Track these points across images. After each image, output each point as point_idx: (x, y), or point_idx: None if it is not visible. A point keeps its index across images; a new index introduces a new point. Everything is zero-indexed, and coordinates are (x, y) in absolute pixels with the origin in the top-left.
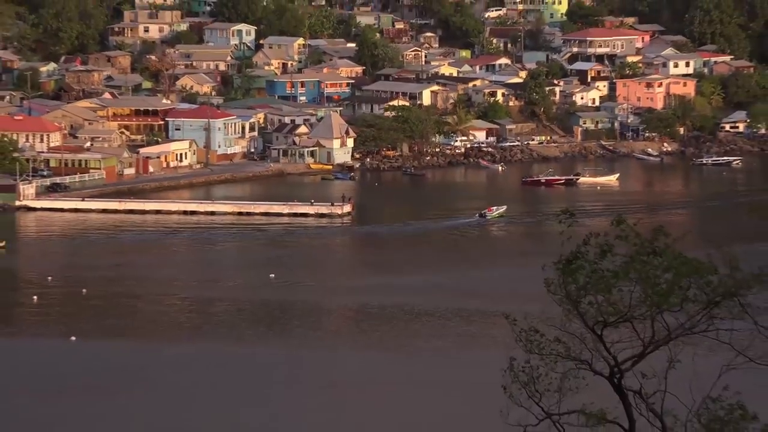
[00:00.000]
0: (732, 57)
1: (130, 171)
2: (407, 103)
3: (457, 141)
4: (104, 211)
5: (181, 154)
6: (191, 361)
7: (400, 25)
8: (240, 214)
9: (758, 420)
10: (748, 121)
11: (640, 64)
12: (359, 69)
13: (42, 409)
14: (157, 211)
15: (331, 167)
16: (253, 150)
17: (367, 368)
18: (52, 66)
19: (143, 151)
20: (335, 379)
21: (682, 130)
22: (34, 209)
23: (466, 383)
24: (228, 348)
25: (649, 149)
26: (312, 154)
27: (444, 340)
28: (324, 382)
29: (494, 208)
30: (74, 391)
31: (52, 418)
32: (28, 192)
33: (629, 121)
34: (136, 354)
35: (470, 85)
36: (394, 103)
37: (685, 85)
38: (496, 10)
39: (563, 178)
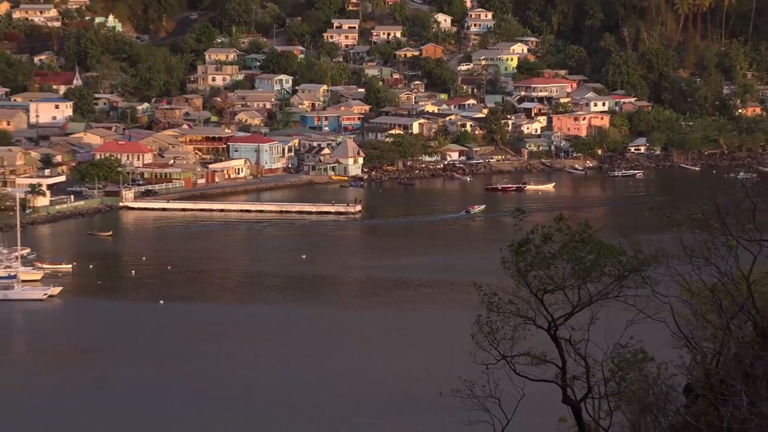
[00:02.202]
0: (635, 99)
1: (201, 181)
2: (402, 132)
3: (433, 157)
4: (183, 210)
5: (238, 169)
6: (248, 317)
7: (396, 76)
8: (281, 212)
9: (654, 360)
10: (648, 145)
11: (570, 104)
12: (367, 107)
13: (143, 348)
14: (221, 210)
15: (346, 178)
16: (290, 166)
17: (374, 322)
18: (145, 105)
19: (211, 166)
20: (352, 329)
21: (600, 151)
22: (133, 208)
23: (445, 333)
24: (273, 307)
25: (576, 165)
26: (333, 168)
27: (431, 303)
28: (343, 331)
29: (476, 206)
30: (161, 339)
31: (150, 354)
32: (128, 196)
33: (562, 144)
34: (208, 312)
35: (447, 119)
36: (392, 131)
37: (602, 119)
38: (465, 65)
39: (515, 185)
